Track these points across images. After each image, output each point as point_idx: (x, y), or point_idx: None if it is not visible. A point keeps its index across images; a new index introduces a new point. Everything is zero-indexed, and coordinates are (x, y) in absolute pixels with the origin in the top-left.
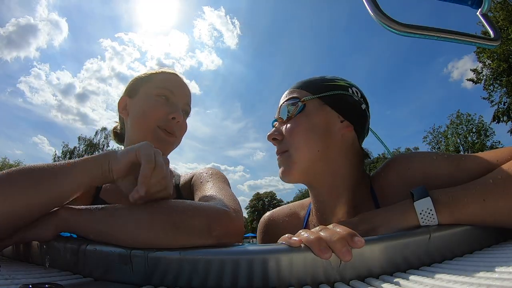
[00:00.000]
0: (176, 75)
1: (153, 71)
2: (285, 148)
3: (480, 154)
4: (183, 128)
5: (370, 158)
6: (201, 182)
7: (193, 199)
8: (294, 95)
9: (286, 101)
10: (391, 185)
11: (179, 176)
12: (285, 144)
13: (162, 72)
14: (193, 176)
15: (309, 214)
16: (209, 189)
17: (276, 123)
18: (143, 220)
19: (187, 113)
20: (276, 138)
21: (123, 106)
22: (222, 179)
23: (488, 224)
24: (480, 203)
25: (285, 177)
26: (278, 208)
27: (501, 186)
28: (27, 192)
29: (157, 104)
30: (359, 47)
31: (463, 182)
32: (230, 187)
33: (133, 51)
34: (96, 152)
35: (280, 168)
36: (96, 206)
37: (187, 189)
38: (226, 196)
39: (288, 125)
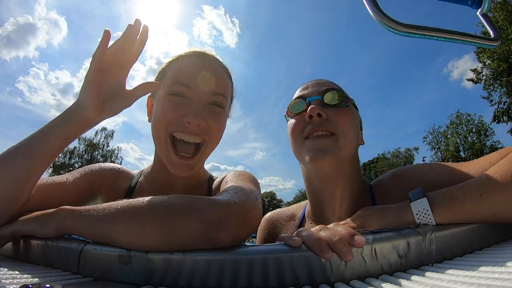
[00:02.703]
0: (196, 58)
1: (174, 58)
2: (331, 130)
3: (474, 160)
4: (211, 128)
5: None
6: (227, 181)
7: None
8: (338, 88)
9: (333, 89)
10: (393, 193)
11: (213, 180)
12: (331, 125)
13: (178, 59)
14: (223, 179)
15: (304, 214)
16: (227, 185)
17: (314, 102)
18: (138, 226)
19: (219, 104)
20: (321, 114)
21: (149, 109)
22: (247, 179)
23: (486, 220)
24: (477, 198)
25: (324, 159)
26: (278, 209)
27: (496, 180)
28: (8, 166)
29: (167, 107)
30: (358, 46)
31: None
32: (253, 184)
33: None
34: (96, 152)
35: (319, 151)
36: (94, 206)
37: (217, 191)
38: (238, 190)
39: (338, 110)
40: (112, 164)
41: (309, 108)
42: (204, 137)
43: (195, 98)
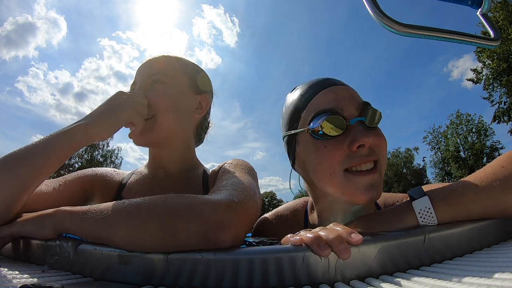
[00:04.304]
0: (145, 60)
1: None
2: (376, 159)
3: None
4: (152, 102)
5: None
6: (223, 172)
7: None
8: (369, 103)
9: (369, 105)
10: None
11: (207, 172)
12: (375, 153)
13: None
14: (220, 168)
15: (307, 218)
16: (224, 179)
17: (359, 125)
18: (136, 227)
19: (156, 80)
20: (370, 144)
21: None
22: (245, 170)
23: (487, 213)
24: (474, 189)
25: (374, 195)
26: (272, 212)
27: (489, 172)
28: (9, 175)
29: None
30: (359, 46)
31: None
32: (251, 176)
33: (131, 50)
34: (96, 152)
35: (371, 187)
36: (92, 207)
37: (213, 183)
38: (237, 186)
39: (377, 132)
40: (105, 168)
41: (357, 134)
42: (149, 112)
43: (137, 85)
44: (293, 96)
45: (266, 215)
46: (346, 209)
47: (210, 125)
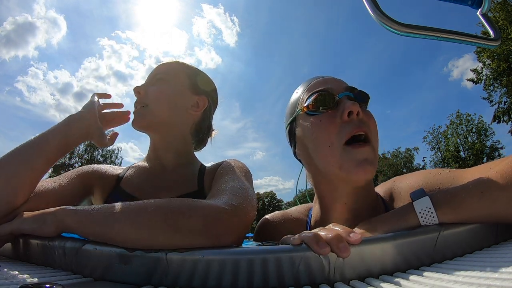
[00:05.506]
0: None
1: None
2: (367, 132)
3: (474, 167)
4: (148, 94)
5: None
6: (221, 173)
7: None
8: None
9: (360, 89)
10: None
11: (204, 168)
12: (366, 127)
13: None
14: (218, 167)
15: (310, 221)
16: (223, 182)
17: (347, 98)
18: (141, 223)
19: (159, 79)
20: (360, 113)
21: None
22: (242, 173)
23: (488, 219)
24: (478, 195)
25: (371, 171)
26: (276, 213)
27: (497, 179)
28: (6, 170)
29: None
30: (358, 45)
31: None
32: (247, 179)
33: (131, 49)
34: (96, 152)
35: (366, 161)
36: (94, 206)
37: (209, 180)
38: (236, 190)
39: (366, 111)
40: (101, 164)
41: (346, 104)
42: (144, 102)
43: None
44: (293, 93)
45: (268, 216)
46: (347, 192)
47: (213, 129)
